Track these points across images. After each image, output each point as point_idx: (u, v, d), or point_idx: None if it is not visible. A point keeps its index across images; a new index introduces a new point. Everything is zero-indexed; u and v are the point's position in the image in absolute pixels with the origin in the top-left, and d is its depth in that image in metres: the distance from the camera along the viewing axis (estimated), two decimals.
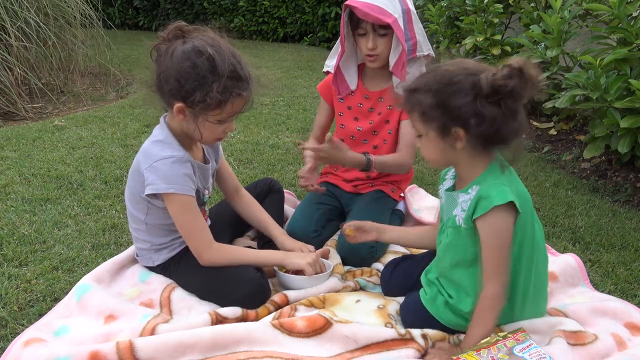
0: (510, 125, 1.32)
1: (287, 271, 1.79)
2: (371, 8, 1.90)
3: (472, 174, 1.44)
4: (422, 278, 1.62)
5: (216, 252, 1.67)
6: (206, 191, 1.80)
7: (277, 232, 1.92)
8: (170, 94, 1.59)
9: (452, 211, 1.46)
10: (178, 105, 1.58)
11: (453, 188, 1.52)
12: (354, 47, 2.11)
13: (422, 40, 2.06)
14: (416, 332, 1.48)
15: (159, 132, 1.69)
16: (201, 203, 1.77)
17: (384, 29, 1.96)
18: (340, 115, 2.19)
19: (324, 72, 2.27)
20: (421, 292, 1.58)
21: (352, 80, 2.14)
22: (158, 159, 1.61)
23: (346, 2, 1.95)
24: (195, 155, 1.75)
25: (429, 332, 1.49)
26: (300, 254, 1.78)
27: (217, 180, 1.93)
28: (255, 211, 1.96)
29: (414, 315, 1.54)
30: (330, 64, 2.22)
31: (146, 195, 1.63)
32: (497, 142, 1.37)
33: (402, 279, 1.72)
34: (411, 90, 1.39)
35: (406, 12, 1.99)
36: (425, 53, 2.07)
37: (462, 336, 1.48)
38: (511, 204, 1.35)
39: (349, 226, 1.76)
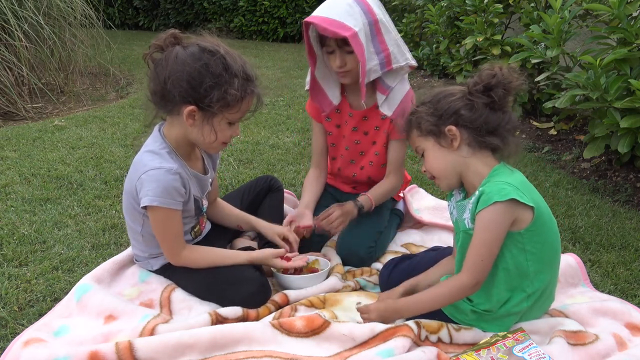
0: (499, 115, 1.45)
1: (284, 271, 1.79)
2: (329, 22, 1.76)
3: (477, 179, 1.47)
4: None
5: (184, 259, 1.68)
6: (204, 201, 1.79)
7: (259, 222, 1.93)
8: (180, 98, 1.55)
9: (463, 216, 1.50)
10: (189, 108, 1.55)
11: (463, 200, 1.56)
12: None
13: (397, 50, 1.88)
14: (410, 321, 1.50)
15: (152, 141, 1.67)
16: (199, 212, 1.77)
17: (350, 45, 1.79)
18: (329, 134, 2.11)
19: (306, 90, 2.08)
20: None
21: (334, 95, 2.01)
22: (147, 170, 1.58)
23: (305, 19, 1.83)
24: (194, 165, 1.73)
25: (423, 321, 1.49)
26: (265, 252, 1.75)
27: None
28: (232, 211, 1.95)
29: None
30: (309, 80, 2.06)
31: (142, 207, 1.62)
32: (490, 133, 1.45)
33: (402, 279, 1.72)
34: (410, 113, 1.55)
35: (373, 24, 1.82)
36: (402, 64, 1.90)
37: (462, 326, 1.50)
38: (512, 202, 1.37)
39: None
